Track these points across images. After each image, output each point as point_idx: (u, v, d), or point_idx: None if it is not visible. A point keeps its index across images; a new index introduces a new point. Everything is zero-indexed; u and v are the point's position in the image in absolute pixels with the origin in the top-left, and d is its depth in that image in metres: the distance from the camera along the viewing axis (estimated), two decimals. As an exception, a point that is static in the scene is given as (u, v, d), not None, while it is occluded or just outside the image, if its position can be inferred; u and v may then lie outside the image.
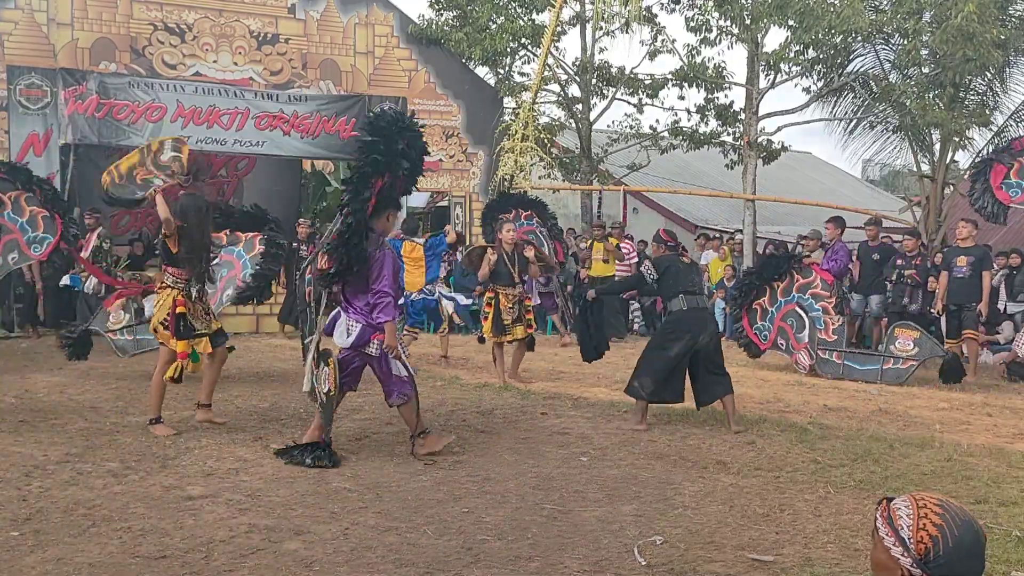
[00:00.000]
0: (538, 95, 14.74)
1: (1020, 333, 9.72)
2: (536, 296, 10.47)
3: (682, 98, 16.36)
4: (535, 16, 15.97)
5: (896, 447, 5.89)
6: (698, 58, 15.35)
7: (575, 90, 16.70)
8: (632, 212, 19.35)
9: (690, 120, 16.45)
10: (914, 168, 15.66)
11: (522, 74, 16.45)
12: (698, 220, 20.13)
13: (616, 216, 17.24)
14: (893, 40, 14.19)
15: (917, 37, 13.01)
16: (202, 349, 6.31)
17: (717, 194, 18.63)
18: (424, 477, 5.06)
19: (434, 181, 14.85)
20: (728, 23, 14.81)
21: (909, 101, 13.63)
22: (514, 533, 4.10)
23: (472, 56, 15.27)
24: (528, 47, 16.08)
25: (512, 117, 14.90)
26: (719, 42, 15.23)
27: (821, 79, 15.41)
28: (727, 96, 16.19)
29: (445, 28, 15.18)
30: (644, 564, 3.72)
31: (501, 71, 16.33)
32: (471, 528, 4.16)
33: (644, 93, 16.25)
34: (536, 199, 10.35)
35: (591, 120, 16.61)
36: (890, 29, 13.67)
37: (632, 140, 17.19)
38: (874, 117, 15.35)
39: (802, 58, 14.60)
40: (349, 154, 14.44)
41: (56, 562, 3.65)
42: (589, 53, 16.41)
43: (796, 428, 6.47)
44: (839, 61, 14.90)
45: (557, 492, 4.77)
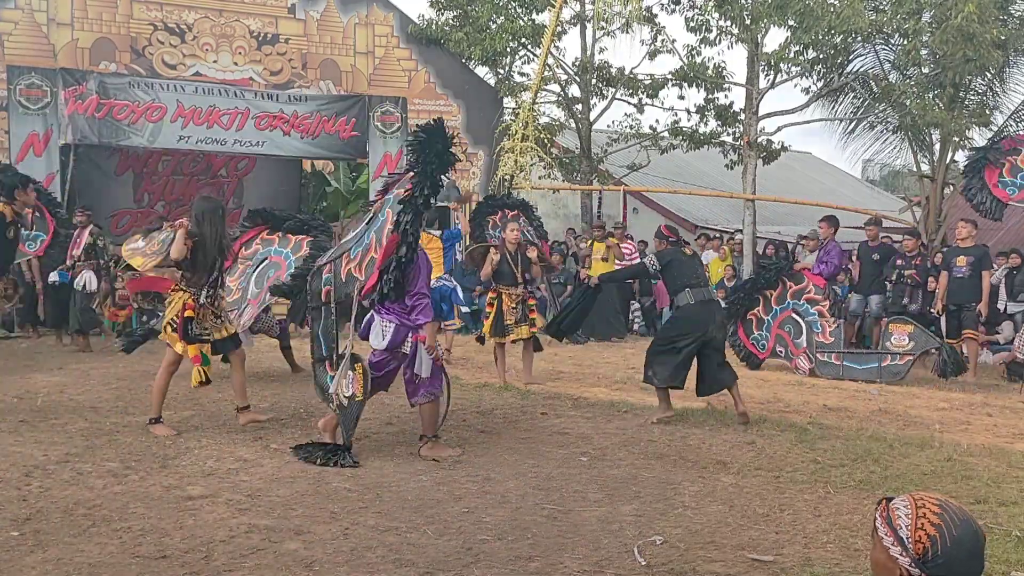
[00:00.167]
0: (538, 95, 14.75)
1: (1020, 333, 9.72)
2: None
3: (682, 98, 16.38)
4: (535, 16, 15.98)
5: (896, 447, 5.89)
6: (698, 58, 15.36)
7: (575, 90, 16.71)
8: (632, 212, 19.35)
9: (690, 120, 16.47)
10: (914, 168, 15.67)
11: (522, 74, 16.48)
12: (698, 220, 20.13)
13: (616, 216, 17.25)
14: (893, 40, 14.20)
15: (917, 37, 13.01)
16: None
17: (717, 194, 18.64)
18: (424, 477, 5.06)
19: (434, 181, 14.83)
20: (728, 23, 14.82)
21: (909, 101, 13.63)
22: (514, 533, 4.10)
23: (472, 56, 15.27)
24: (528, 47, 16.09)
25: (512, 117, 14.91)
26: (719, 42, 15.25)
27: (821, 79, 15.41)
28: (727, 96, 16.22)
29: (445, 28, 15.18)
30: (644, 564, 3.72)
31: (501, 71, 16.33)
32: (471, 528, 4.16)
33: (644, 93, 16.25)
34: (521, 200, 10.42)
35: (591, 120, 16.62)
36: (890, 29, 13.67)
37: (632, 140, 17.19)
38: (874, 117, 15.35)
39: (802, 58, 14.61)
40: (349, 154, 14.50)
41: (56, 562, 3.65)
42: (589, 53, 16.41)
43: (796, 428, 6.47)
44: (839, 61, 14.91)
45: (557, 492, 4.77)
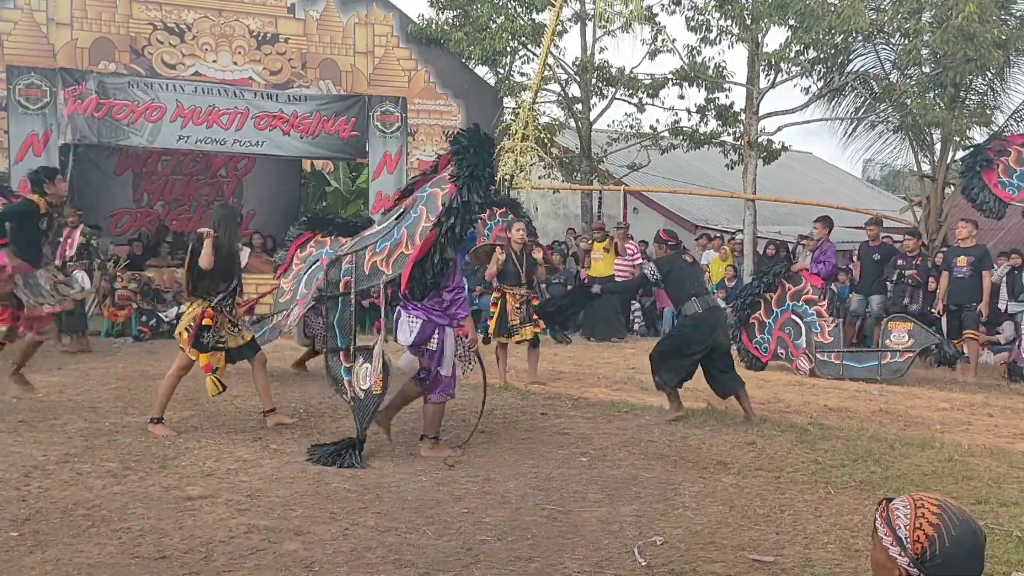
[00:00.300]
0: (538, 95, 14.74)
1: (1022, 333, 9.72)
2: None
3: (682, 98, 16.38)
4: (535, 16, 15.97)
5: (897, 447, 5.89)
6: (698, 58, 15.35)
7: (575, 90, 16.70)
8: (632, 212, 19.34)
9: (690, 120, 16.46)
10: (915, 168, 15.66)
11: (522, 74, 16.47)
12: (698, 220, 20.13)
13: (616, 216, 17.23)
14: (894, 40, 14.19)
15: (918, 37, 13.00)
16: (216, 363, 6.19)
17: (717, 194, 18.63)
18: (424, 478, 5.05)
19: (434, 181, 14.83)
20: (728, 23, 14.81)
21: (910, 101, 13.62)
22: (514, 533, 4.09)
23: (472, 56, 15.26)
24: (528, 47, 16.08)
25: (512, 117, 14.90)
26: (719, 42, 15.25)
27: (821, 79, 15.41)
28: (727, 96, 16.21)
29: (445, 28, 15.17)
30: (644, 565, 3.71)
31: (501, 71, 16.31)
32: (471, 528, 4.15)
33: (644, 93, 16.24)
34: (510, 198, 10.45)
35: (591, 120, 16.61)
36: (890, 29, 13.66)
37: (632, 140, 17.19)
38: (875, 117, 15.34)
39: (802, 58, 14.60)
40: (349, 154, 14.49)
41: (55, 562, 3.64)
42: (589, 53, 16.41)
43: (796, 428, 6.46)
44: (839, 61, 14.90)
45: (557, 492, 4.77)
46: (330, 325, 5.70)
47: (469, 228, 5.39)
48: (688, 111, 16.43)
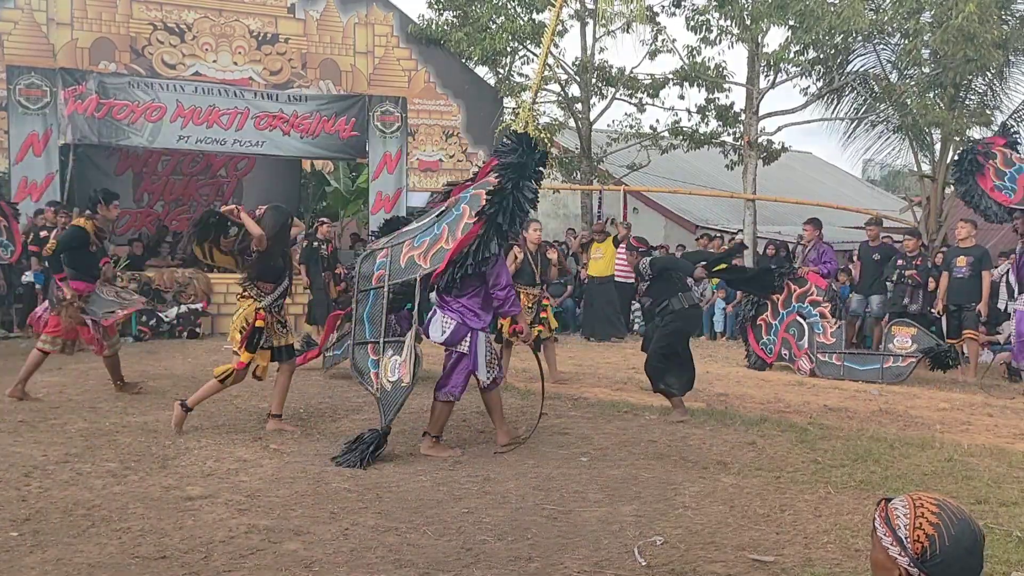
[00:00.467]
0: (538, 95, 14.73)
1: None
2: None
3: (682, 98, 16.39)
4: (535, 16, 15.96)
5: (897, 447, 5.88)
6: (698, 58, 15.34)
7: (575, 90, 16.70)
8: (632, 212, 19.34)
9: (690, 120, 16.46)
10: (914, 168, 15.67)
11: (521, 75, 16.46)
12: (698, 220, 20.12)
13: (616, 216, 17.22)
14: (893, 40, 14.19)
15: (918, 37, 13.00)
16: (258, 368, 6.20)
17: (717, 194, 18.63)
18: (424, 477, 5.05)
19: (434, 181, 14.84)
20: (728, 23, 14.81)
21: (910, 101, 13.62)
22: (514, 533, 4.09)
23: (472, 56, 15.26)
24: (528, 47, 16.07)
25: (512, 117, 14.89)
26: (719, 42, 15.24)
27: (821, 79, 15.41)
28: (728, 96, 16.21)
29: (445, 28, 15.17)
30: (644, 564, 3.71)
31: (501, 71, 16.31)
32: (471, 528, 4.15)
33: (644, 93, 16.24)
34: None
35: (591, 120, 16.61)
36: (890, 29, 13.66)
37: (632, 140, 17.18)
38: (875, 117, 15.35)
39: (802, 58, 14.60)
40: (349, 154, 14.49)
41: (55, 562, 3.64)
42: (589, 53, 16.40)
43: (796, 428, 6.46)
44: (839, 61, 14.90)
45: (557, 492, 4.77)
46: (359, 318, 5.74)
47: (515, 226, 5.49)
48: (688, 111, 16.45)
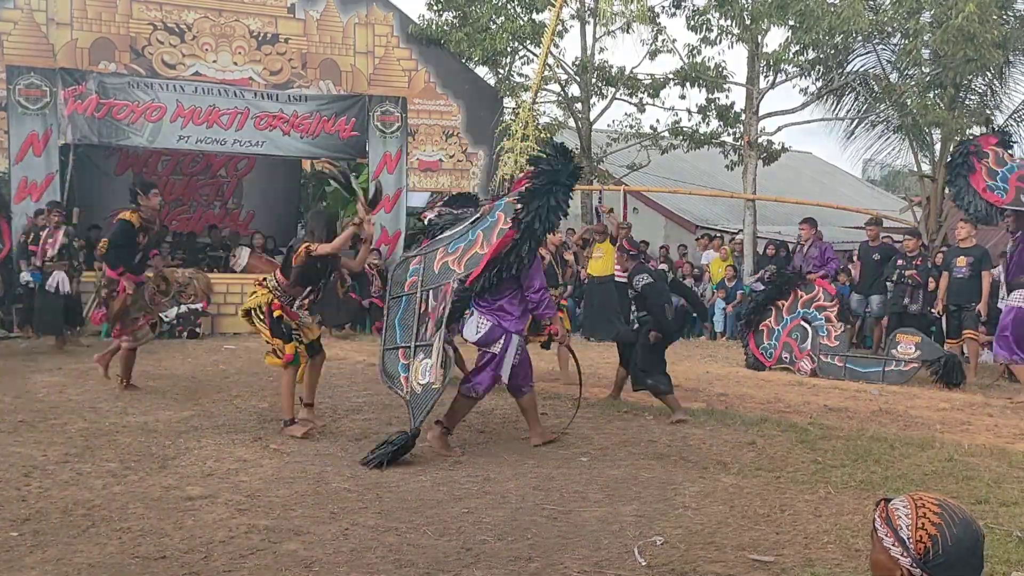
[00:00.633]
0: (538, 95, 14.72)
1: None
2: None
3: (683, 98, 16.38)
4: (535, 16, 15.96)
5: (897, 447, 5.88)
6: (698, 58, 15.34)
7: (575, 90, 16.70)
8: (632, 212, 19.34)
9: (691, 120, 16.46)
10: (914, 168, 15.67)
11: (522, 75, 16.46)
12: (698, 220, 20.13)
13: (616, 216, 17.21)
14: (893, 40, 14.19)
15: (918, 37, 13.00)
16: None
17: (717, 194, 18.63)
18: (424, 477, 5.05)
19: (434, 181, 14.85)
20: (728, 23, 14.81)
21: (910, 101, 13.62)
22: (514, 533, 4.09)
23: (472, 56, 15.26)
24: (528, 47, 16.07)
25: (512, 117, 14.88)
26: (719, 42, 15.24)
27: (821, 79, 15.41)
28: (728, 97, 16.21)
29: (445, 28, 15.16)
30: (644, 564, 3.71)
31: (501, 71, 16.31)
32: (471, 528, 4.15)
33: (645, 93, 16.24)
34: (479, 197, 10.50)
35: (591, 120, 16.61)
36: (890, 29, 13.66)
37: (632, 140, 17.18)
38: (875, 117, 15.35)
39: (802, 58, 14.60)
40: (349, 154, 14.47)
41: (55, 562, 3.64)
42: (589, 53, 16.40)
43: (797, 428, 6.46)
44: (839, 61, 14.90)
45: (557, 492, 4.76)
46: (391, 323, 5.80)
47: (549, 231, 5.60)
48: (689, 111, 16.45)
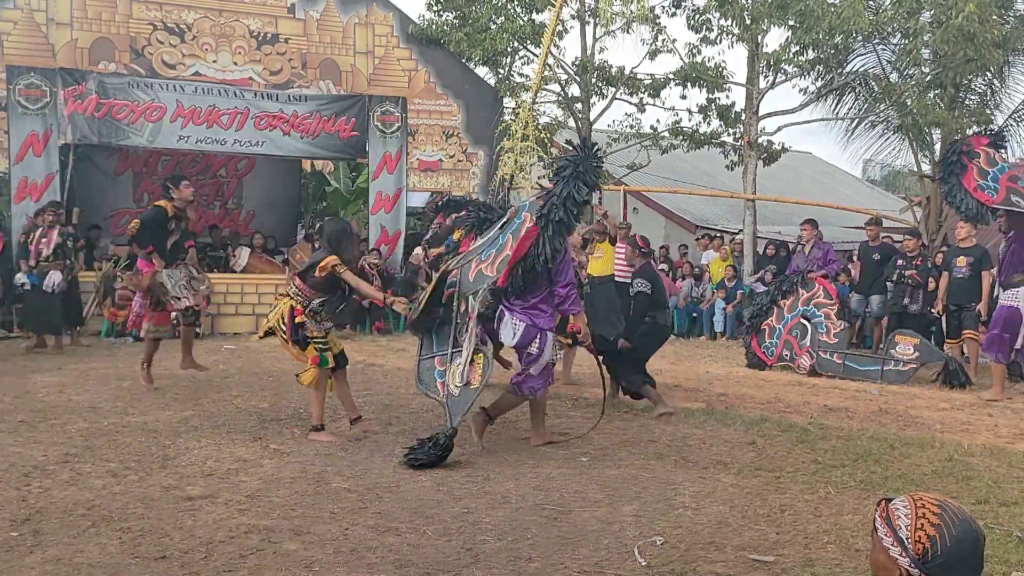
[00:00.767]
0: (538, 95, 14.71)
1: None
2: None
3: (684, 98, 16.40)
4: (535, 16, 15.96)
5: (897, 447, 5.89)
6: (698, 57, 15.34)
7: (575, 90, 16.69)
8: (632, 212, 19.34)
9: (691, 120, 16.45)
10: (914, 168, 15.66)
11: (522, 75, 16.45)
12: (698, 220, 20.12)
13: (616, 216, 17.22)
14: (893, 40, 14.19)
15: (918, 37, 13.00)
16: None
17: (717, 194, 18.63)
18: (424, 477, 5.05)
19: (434, 181, 14.85)
20: (729, 23, 14.80)
21: (910, 101, 13.62)
22: (514, 533, 4.09)
23: (472, 56, 15.26)
24: (528, 47, 16.07)
25: (512, 117, 14.88)
26: (719, 42, 15.24)
27: (821, 79, 15.40)
28: (728, 96, 16.20)
29: (445, 28, 15.16)
30: (644, 564, 3.71)
31: (501, 71, 16.30)
32: (471, 528, 4.15)
33: (645, 93, 16.23)
34: (478, 200, 10.52)
35: (591, 120, 16.60)
36: (890, 29, 13.66)
37: (632, 140, 17.17)
38: (874, 117, 15.34)
39: (802, 59, 14.59)
40: (349, 154, 14.48)
41: (55, 562, 3.64)
42: (589, 53, 16.40)
43: (797, 428, 6.47)
44: (839, 61, 14.90)
45: (557, 492, 4.76)
46: (428, 332, 5.88)
47: (573, 222, 5.61)
48: (689, 111, 16.44)
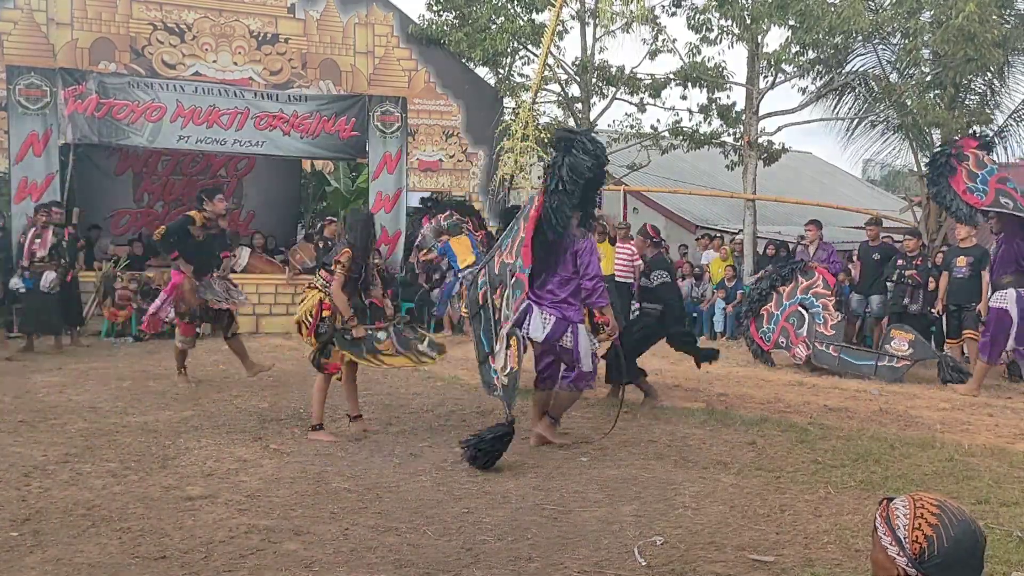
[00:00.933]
0: (538, 95, 14.72)
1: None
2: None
3: (684, 98, 16.38)
4: (535, 16, 15.96)
5: (897, 447, 5.89)
6: (698, 57, 15.34)
7: (575, 90, 16.69)
8: (632, 212, 19.34)
9: (691, 120, 16.45)
10: (914, 168, 15.65)
11: (522, 75, 16.45)
12: (698, 220, 20.13)
13: (616, 216, 17.23)
14: (893, 40, 14.19)
15: (918, 37, 13.00)
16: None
17: (717, 194, 18.63)
18: (424, 477, 5.05)
19: (434, 181, 14.85)
20: (728, 23, 14.80)
21: (910, 101, 13.62)
22: (514, 533, 4.09)
23: (472, 56, 15.26)
24: (528, 47, 16.07)
25: (512, 117, 14.88)
26: (719, 41, 15.23)
27: (821, 79, 15.40)
28: (728, 97, 16.20)
29: (445, 28, 15.16)
30: (644, 564, 3.71)
31: (501, 71, 16.31)
32: (471, 528, 4.15)
33: (645, 93, 16.23)
34: (465, 203, 10.58)
35: (591, 120, 16.60)
36: (890, 29, 13.66)
37: (632, 140, 17.17)
38: (874, 117, 15.34)
39: (802, 58, 14.59)
40: (349, 154, 14.48)
41: (55, 562, 3.65)
42: (589, 53, 16.40)
43: (797, 428, 6.47)
44: (839, 61, 14.90)
45: (557, 492, 4.77)
46: (477, 338, 5.80)
47: (575, 187, 5.45)
48: (689, 111, 16.44)
